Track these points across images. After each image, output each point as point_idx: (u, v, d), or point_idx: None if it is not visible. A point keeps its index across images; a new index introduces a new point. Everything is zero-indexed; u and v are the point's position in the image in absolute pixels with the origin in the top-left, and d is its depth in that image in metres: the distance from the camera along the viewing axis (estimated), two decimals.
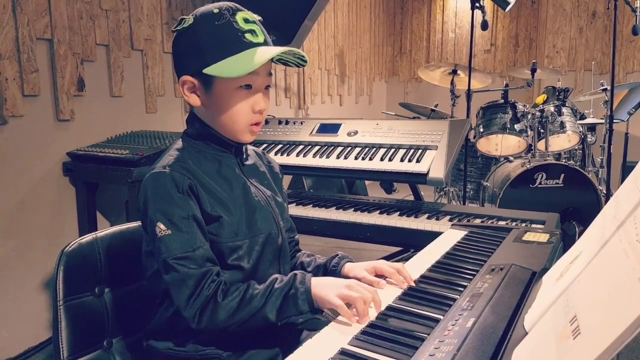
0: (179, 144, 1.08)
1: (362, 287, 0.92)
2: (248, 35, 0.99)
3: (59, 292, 1.01)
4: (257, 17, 1.04)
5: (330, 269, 1.15)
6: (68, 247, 1.04)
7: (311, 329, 1.10)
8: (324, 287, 0.94)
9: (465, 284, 0.99)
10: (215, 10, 0.99)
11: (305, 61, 1.05)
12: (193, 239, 0.96)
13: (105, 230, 1.12)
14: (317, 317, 1.11)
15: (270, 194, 1.14)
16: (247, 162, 1.14)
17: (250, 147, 1.20)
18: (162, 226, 0.95)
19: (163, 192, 0.97)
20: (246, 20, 1.00)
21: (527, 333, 0.68)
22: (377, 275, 1.08)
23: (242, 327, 0.95)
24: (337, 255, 1.18)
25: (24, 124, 2.13)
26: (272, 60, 1.02)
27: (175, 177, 0.97)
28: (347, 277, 1.12)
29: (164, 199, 0.96)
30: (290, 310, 0.94)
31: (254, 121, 1.04)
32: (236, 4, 1.02)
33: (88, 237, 1.08)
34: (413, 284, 1.02)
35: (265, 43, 1.01)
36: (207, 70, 0.98)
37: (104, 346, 1.07)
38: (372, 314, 0.89)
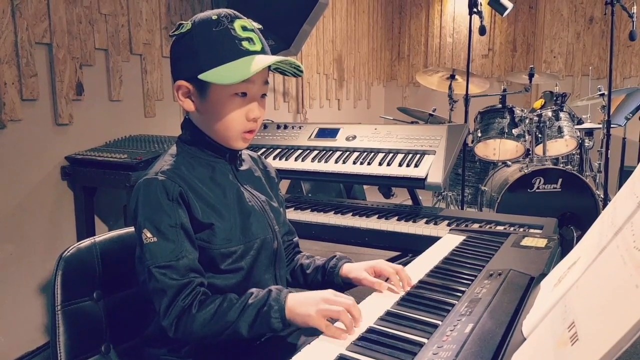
0: (173, 149, 1.08)
1: (340, 298, 0.90)
2: (245, 43, 0.99)
3: (57, 297, 1.01)
4: (256, 25, 1.04)
5: (328, 271, 1.15)
6: (66, 252, 1.03)
7: (309, 334, 1.10)
8: (302, 306, 0.90)
9: (463, 289, 0.99)
10: (214, 17, 0.99)
11: (301, 71, 1.05)
12: (178, 248, 0.95)
13: (103, 235, 1.12)
14: None
15: (265, 199, 1.13)
16: (242, 168, 1.14)
17: (245, 152, 1.19)
18: (148, 233, 0.95)
19: (153, 199, 0.96)
20: (244, 28, 1.00)
21: (525, 339, 0.68)
22: (376, 276, 1.08)
23: (218, 340, 0.94)
24: (335, 256, 1.18)
25: (22, 128, 2.13)
26: (269, 68, 1.02)
27: (166, 184, 0.97)
28: (346, 277, 1.12)
29: (152, 206, 0.96)
30: (263, 327, 0.91)
31: (247, 129, 1.04)
32: (235, 12, 1.02)
33: (86, 242, 1.08)
34: (408, 288, 1.02)
35: (262, 51, 1.01)
36: (202, 76, 0.98)
37: (101, 351, 1.07)
38: (372, 319, 0.89)
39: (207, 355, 1.02)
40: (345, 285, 1.14)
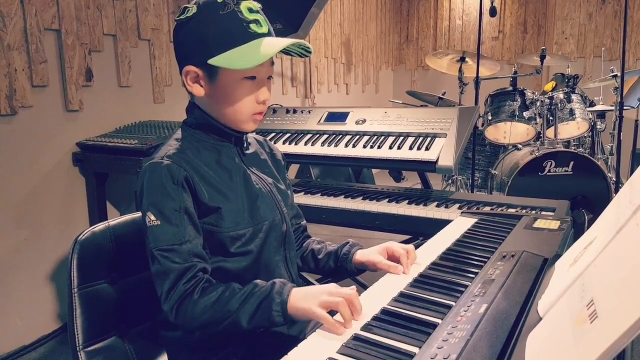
0: (178, 133, 1.08)
1: (341, 289, 0.88)
2: (253, 26, 0.98)
3: (74, 280, 1.02)
4: (259, 5, 1.04)
5: (341, 257, 1.16)
6: (82, 236, 1.04)
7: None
8: (303, 299, 0.88)
9: (476, 270, 0.99)
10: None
11: (310, 52, 1.04)
12: (181, 232, 0.95)
13: (117, 218, 1.13)
14: None
15: (271, 182, 1.13)
16: (248, 151, 1.14)
17: (251, 135, 1.19)
18: (151, 216, 0.95)
19: (157, 183, 0.96)
20: (250, 10, 0.99)
21: (541, 318, 0.68)
22: (389, 258, 1.09)
23: (217, 329, 0.92)
24: (348, 242, 1.18)
25: (33, 115, 2.14)
26: None
27: (172, 168, 0.97)
28: (359, 264, 1.13)
29: (157, 189, 0.96)
30: (263, 319, 0.90)
31: (257, 111, 1.04)
32: None
33: (101, 226, 1.09)
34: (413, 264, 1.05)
35: (269, 33, 1.01)
36: (213, 61, 0.97)
37: (117, 333, 1.08)
38: (385, 299, 0.89)
39: (218, 339, 1.03)
40: (358, 272, 1.15)
